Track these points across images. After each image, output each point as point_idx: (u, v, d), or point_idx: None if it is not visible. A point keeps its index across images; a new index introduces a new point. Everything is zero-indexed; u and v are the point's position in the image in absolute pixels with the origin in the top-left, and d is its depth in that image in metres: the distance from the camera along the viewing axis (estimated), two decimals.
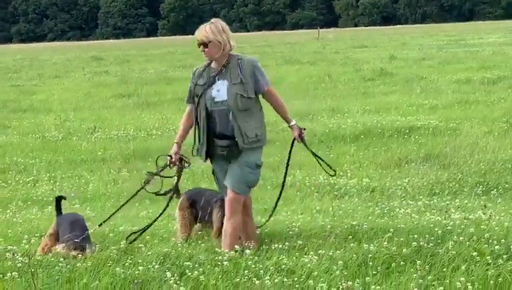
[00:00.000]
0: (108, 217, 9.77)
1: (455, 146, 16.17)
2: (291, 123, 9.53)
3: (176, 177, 9.71)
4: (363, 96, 26.63)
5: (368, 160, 15.57)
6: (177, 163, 9.52)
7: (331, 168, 9.93)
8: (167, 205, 9.80)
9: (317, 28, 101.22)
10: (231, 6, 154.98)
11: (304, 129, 9.62)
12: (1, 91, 35.90)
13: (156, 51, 67.48)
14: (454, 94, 25.57)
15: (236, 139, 9.07)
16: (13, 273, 8.42)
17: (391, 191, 12.64)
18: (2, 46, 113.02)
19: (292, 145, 9.81)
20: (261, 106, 9.43)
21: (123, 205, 9.98)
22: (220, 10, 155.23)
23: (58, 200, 9.96)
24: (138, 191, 9.85)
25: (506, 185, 12.79)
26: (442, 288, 7.69)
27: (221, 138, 9.18)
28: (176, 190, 9.86)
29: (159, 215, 9.89)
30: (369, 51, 52.74)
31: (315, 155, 9.84)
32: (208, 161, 9.52)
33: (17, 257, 9.05)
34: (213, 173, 9.64)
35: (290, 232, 9.91)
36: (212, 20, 9.30)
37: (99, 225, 9.71)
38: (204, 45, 9.12)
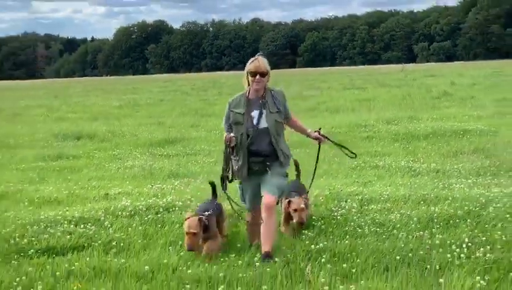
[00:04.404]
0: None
1: (495, 143, 15.81)
2: (308, 130, 7.85)
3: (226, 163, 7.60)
4: (431, 109, 26.11)
5: (434, 151, 15.30)
6: (232, 145, 7.43)
7: (351, 152, 8.25)
8: (224, 185, 7.62)
9: (401, 64, 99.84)
10: (344, 48, 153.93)
11: (320, 128, 7.98)
12: (194, 103, 36.56)
13: (295, 78, 67.13)
14: (494, 108, 24.88)
15: (280, 159, 7.45)
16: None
17: (450, 172, 12.40)
18: (195, 74, 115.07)
19: (319, 147, 8.16)
20: None
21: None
22: (337, 51, 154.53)
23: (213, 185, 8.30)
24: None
25: None
26: (485, 238, 7.52)
27: (257, 156, 7.45)
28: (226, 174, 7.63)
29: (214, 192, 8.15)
30: (437, 79, 51.57)
31: (337, 144, 8.25)
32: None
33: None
34: (239, 186, 7.79)
35: (382, 198, 9.83)
36: (259, 54, 7.65)
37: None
38: (263, 74, 7.42)
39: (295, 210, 7.97)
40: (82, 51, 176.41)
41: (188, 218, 7.37)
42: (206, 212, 7.56)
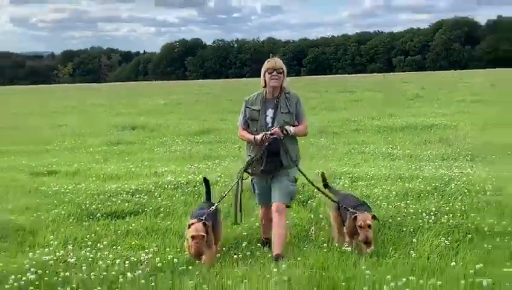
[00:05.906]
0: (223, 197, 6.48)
1: (455, 135, 15.72)
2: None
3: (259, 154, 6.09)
4: (407, 108, 25.96)
5: (408, 140, 15.22)
6: (268, 138, 5.98)
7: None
8: (241, 178, 6.22)
9: (383, 73, 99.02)
10: (338, 60, 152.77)
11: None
12: (223, 102, 36.45)
13: (298, 84, 66.73)
14: (456, 107, 24.71)
15: (281, 159, 6.08)
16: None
17: (421, 157, 12.35)
18: (224, 80, 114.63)
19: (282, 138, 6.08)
20: None
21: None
22: (332, 63, 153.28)
23: (207, 181, 6.65)
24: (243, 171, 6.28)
25: (483, 156, 12.30)
26: (448, 208, 7.50)
27: (268, 153, 6.04)
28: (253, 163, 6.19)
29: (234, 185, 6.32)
30: (410, 84, 51.17)
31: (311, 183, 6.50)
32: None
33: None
34: (252, 182, 6.37)
35: (368, 176, 9.80)
36: (274, 56, 6.37)
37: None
38: (280, 72, 6.16)
39: (360, 226, 5.96)
40: (136, 61, 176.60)
41: (192, 223, 5.69)
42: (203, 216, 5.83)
